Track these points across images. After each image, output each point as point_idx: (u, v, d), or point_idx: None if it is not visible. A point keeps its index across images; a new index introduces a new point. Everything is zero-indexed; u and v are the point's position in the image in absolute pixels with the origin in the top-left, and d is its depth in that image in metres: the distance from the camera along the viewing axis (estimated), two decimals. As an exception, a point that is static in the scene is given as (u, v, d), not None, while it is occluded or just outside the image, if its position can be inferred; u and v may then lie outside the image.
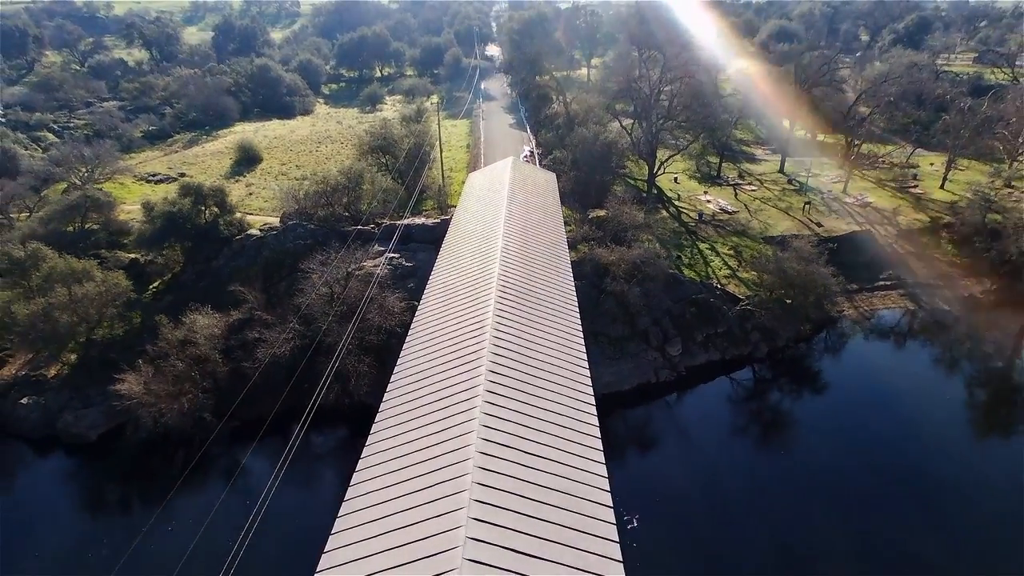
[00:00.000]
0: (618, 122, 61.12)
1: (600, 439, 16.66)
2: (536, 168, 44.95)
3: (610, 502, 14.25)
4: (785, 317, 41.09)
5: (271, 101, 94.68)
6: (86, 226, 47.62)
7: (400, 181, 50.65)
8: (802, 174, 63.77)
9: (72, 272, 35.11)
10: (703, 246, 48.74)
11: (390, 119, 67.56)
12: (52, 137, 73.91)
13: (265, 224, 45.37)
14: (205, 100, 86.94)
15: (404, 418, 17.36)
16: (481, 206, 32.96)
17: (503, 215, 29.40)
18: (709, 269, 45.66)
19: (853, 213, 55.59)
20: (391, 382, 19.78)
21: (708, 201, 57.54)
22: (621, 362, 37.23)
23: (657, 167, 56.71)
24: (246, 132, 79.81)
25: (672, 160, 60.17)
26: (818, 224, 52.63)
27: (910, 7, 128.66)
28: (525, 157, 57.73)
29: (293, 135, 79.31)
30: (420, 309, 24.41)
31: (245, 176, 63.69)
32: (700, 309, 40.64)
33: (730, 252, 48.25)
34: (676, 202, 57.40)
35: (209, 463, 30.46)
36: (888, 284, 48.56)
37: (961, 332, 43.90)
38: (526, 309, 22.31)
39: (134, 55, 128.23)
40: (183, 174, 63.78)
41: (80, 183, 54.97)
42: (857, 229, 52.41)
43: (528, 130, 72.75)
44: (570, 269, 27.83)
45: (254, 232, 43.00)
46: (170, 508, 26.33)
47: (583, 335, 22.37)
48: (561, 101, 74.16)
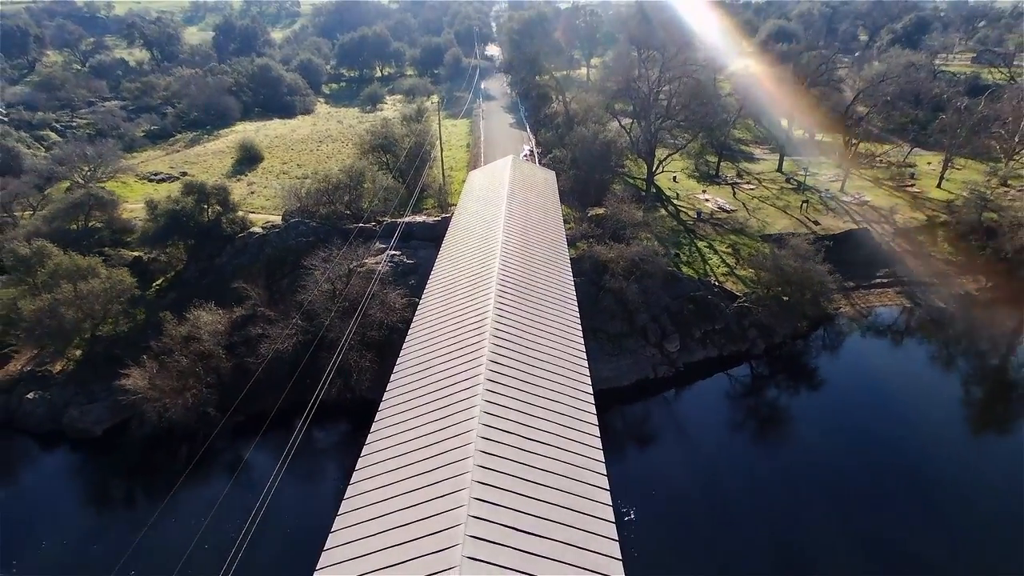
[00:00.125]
0: (617, 121, 61.49)
1: (599, 436, 16.71)
2: (536, 167, 45.32)
3: (609, 501, 14.34)
4: (782, 314, 41.53)
5: (272, 101, 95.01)
6: (89, 224, 47.98)
7: (401, 180, 51.04)
8: (800, 173, 64.22)
9: (77, 269, 35.54)
10: (701, 244, 49.17)
11: (391, 118, 67.85)
12: (55, 136, 74.27)
13: (267, 222, 45.76)
14: (206, 100, 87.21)
15: (404, 415, 17.45)
16: (481, 204, 33.33)
17: (503, 213, 29.74)
18: (707, 267, 46.09)
19: (850, 211, 56.01)
20: (392, 376, 19.99)
21: (706, 200, 57.95)
22: (620, 358, 37.64)
23: (656, 166, 57.18)
24: (247, 131, 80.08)
25: (671, 159, 60.62)
26: (815, 222, 53.05)
27: (908, 7, 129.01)
28: (525, 156, 58.05)
29: (294, 134, 79.64)
30: (421, 305, 24.77)
31: (247, 175, 63.99)
32: (698, 306, 41.07)
33: (728, 250, 48.66)
34: (675, 201, 57.81)
35: (213, 458, 30.81)
36: (885, 282, 49.01)
37: (957, 329, 44.37)
38: (526, 305, 22.60)
39: (135, 55, 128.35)
40: (185, 173, 64.15)
41: (83, 182, 55.33)
42: (854, 227, 52.84)
43: (528, 129, 73.02)
44: (569, 266, 28.17)
45: (257, 230, 43.40)
46: (175, 502, 26.66)
47: (582, 331, 22.60)
48: (561, 100, 74.56)
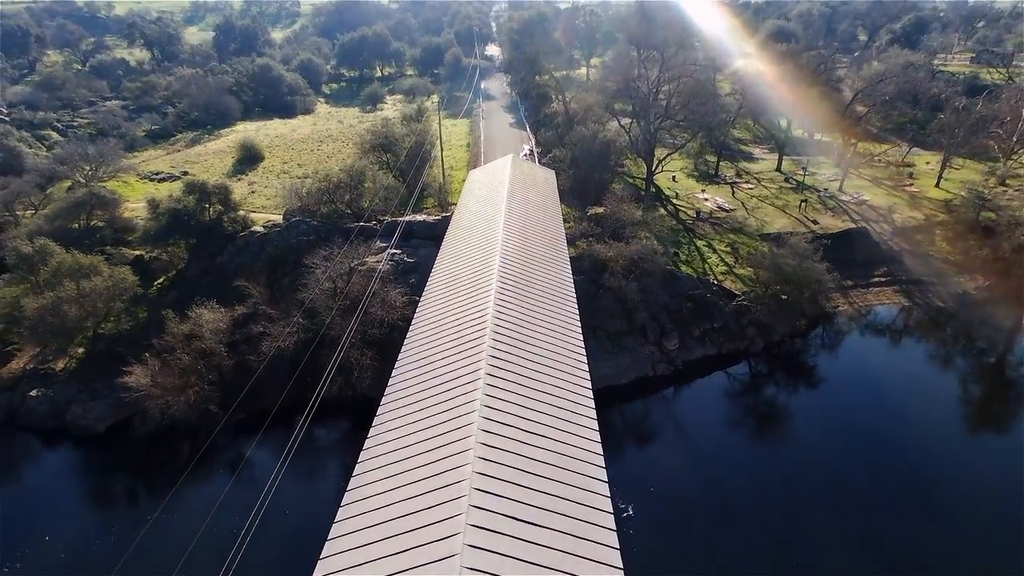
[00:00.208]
0: (616, 121, 61.68)
1: (598, 434, 16.69)
2: (535, 166, 45.53)
3: (608, 495, 14.26)
4: (780, 312, 41.75)
5: (272, 100, 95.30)
6: (91, 223, 48.20)
7: (401, 179, 51.24)
8: (799, 172, 64.45)
9: (80, 267, 35.76)
10: (700, 243, 49.39)
11: (391, 118, 68.06)
12: (56, 136, 74.51)
13: (268, 221, 45.98)
14: (207, 99, 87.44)
15: (405, 413, 17.49)
16: (482, 202, 33.55)
17: (503, 211, 29.95)
18: (706, 266, 46.30)
19: (849, 211, 56.22)
20: (393, 373, 20.18)
21: (706, 199, 58.18)
22: (619, 356, 37.86)
23: (655, 165, 57.40)
24: (248, 131, 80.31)
25: (670, 158, 60.83)
26: (814, 221, 53.26)
27: (907, 7, 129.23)
28: (525, 155, 58.25)
29: (294, 134, 79.86)
30: (422, 302, 24.98)
31: (247, 175, 64.18)
32: (697, 304, 41.29)
33: (727, 249, 48.88)
34: (674, 200, 58.03)
35: (215, 455, 30.98)
36: (883, 280, 49.23)
37: (955, 328, 44.60)
38: (526, 303, 22.78)
39: (135, 55, 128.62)
40: (186, 173, 64.38)
41: (84, 181, 55.53)
42: (853, 226, 53.06)
43: (528, 129, 73.23)
44: (568, 264, 28.38)
45: (258, 229, 43.62)
46: (177, 498, 26.86)
47: (582, 329, 22.75)
48: (560, 100, 74.75)
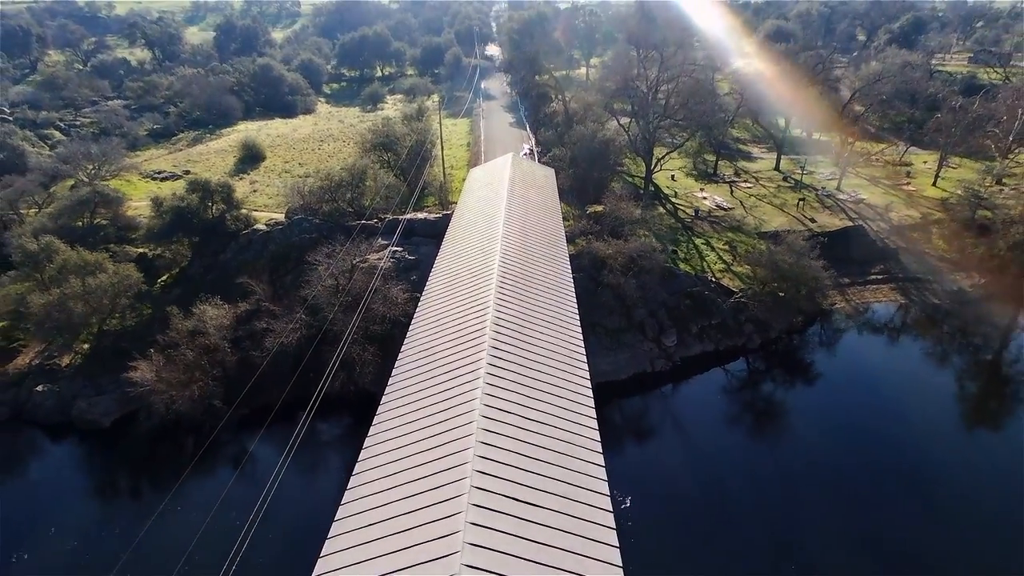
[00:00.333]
0: (616, 120, 62.11)
1: (598, 432, 16.78)
2: (535, 164, 45.96)
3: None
4: (778, 309, 42.17)
5: (273, 100, 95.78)
6: (95, 221, 48.62)
7: (402, 178, 51.68)
8: (797, 171, 64.89)
9: (85, 264, 36.22)
10: (698, 241, 49.83)
11: (392, 117, 68.52)
12: (59, 135, 74.99)
13: (271, 219, 46.43)
14: (208, 99, 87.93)
15: (406, 408, 17.70)
16: (482, 200, 33.99)
17: (503, 209, 30.37)
18: (704, 263, 46.75)
19: (846, 209, 56.66)
20: (395, 367, 20.55)
21: (704, 198, 58.62)
22: (618, 352, 38.30)
23: (654, 164, 57.82)
24: (249, 131, 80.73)
25: (669, 157, 61.25)
26: (812, 220, 53.70)
27: (905, 7, 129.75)
28: (524, 155, 58.63)
29: (295, 133, 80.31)
30: (423, 298, 25.41)
31: (249, 174, 64.61)
32: (695, 301, 41.73)
33: (725, 247, 49.31)
34: (673, 199, 58.47)
35: (218, 449, 31.38)
36: (880, 278, 49.66)
37: (951, 325, 45.03)
38: (526, 299, 23.16)
39: (136, 55, 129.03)
40: (188, 172, 64.78)
41: (87, 180, 55.96)
42: (850, 225, 53.48)
43: (528, 128, 73.65)
44: (568, 261, 28.79)
45: (260, 227, 44.07)
46: (181, 492, 27.23)
47: (581, 326, 23.09)
48: (560, 100, 75.14)
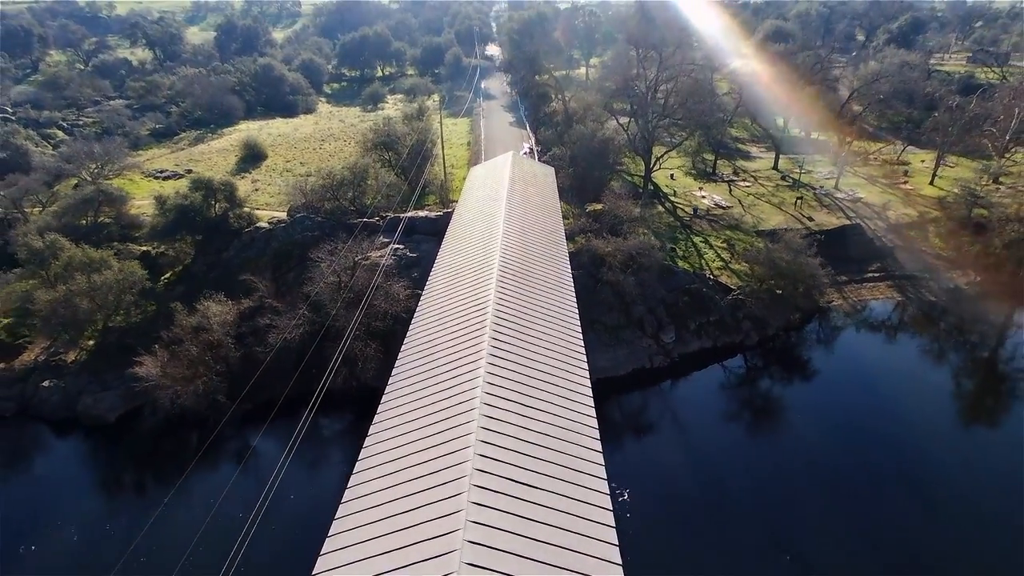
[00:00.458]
0: (615, 120, 62.50)
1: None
2: (535, 163, 46.37)
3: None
4: (775, 306, 42.61)
5: (274, 100, 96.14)
6: (99, 220, 49.02)
7: (403, 177, 52.09)
8: (795, 171, 65.30)
9: (90, 261, 36.64)
10: (697, 239, 50.23)
11: (393, 117, 68.91)
12: (62, 134, 75.39)
13: (273, 217, 46.82)
14: (210, 99, 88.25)
15: (407, 404, 17.98)
16: (483, 197, 34.43)
17: (503, 207, 30.78)
18: (703, 261, 47.15)
19: (844, 208, 57.08)
20: (398, 361, 20.94)
21: (703, 197, 59.02)
22: (616, 349, 38.71)
23: (653, 163, 58.22)
24: (250, 130, 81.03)
25: (667, 156, 61.63)
26: (809, 218, 54.13)
27: (904, 7, 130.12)
28: (524, 154, 59.03)
29: (296, 133, 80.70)
30: (425, 293, 25.84)
31: (251, 173, 64.97)
32: (693, 298, 42.15)
33: (723, 245, 49.72)
34: (672, 198, 58.88)
35: (223, 444, 31.77)
36: (877, 276, 50.12)
37: (947, 322, 45.47)
38: (526, 295, 23.58)
39: (137, 55, 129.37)
40: (190, 171, 65.13)
41: (90, 179, 56.36)
42: (847, 223, 53.93)
43: (528, 128, 74.06)
44: (567, 258, 29.20)
45: (263, 225, 44.48)
46: (186, 486, 27.62)
47: (580, 322, 23.46)
48: (560, 99, 75.53)
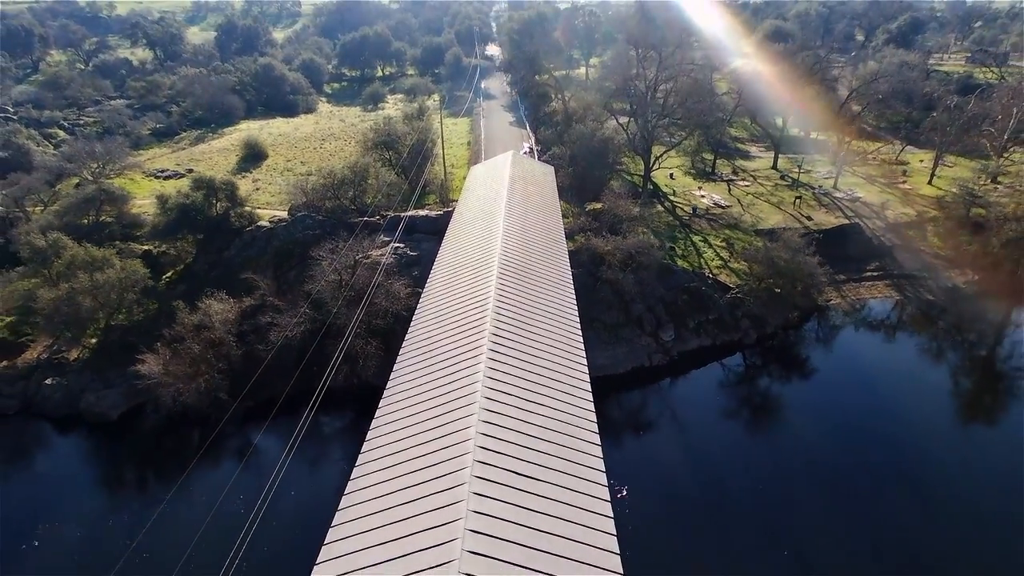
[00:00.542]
0: (615, 119, 62.68)
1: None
2: (535, 162, 46.60)
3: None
4: (774, 305, 42.83)
5: (275, 100, 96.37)
6: (100, 219, 49.22)
7: (403, 176, 52.30)
8: (794, 170, 65.51)
9: (92, 260, 36.84)
10: (696, 238, 50.44)
11: (393, 116, 69.13)
12: (63, 134, 75.61)
13: (274, 216, 47.04)
14: (210, 99, 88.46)
15: (408, 401, 18.12)
16: (483, 196, 34.65)
17: (504, 205, 31.01)
18: (702, 260, 47.37)
19: (843, 207, 57.29)
20: (399, 357, 21.13)
21: (702, 196, 59.23)
22: (616, 347, 38.93)
23: (652, 162, 58.41)
24: (251, 130, 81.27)
25: (667, 155, 61.81)
26: (808, 217, 54.35)
27: (903, 7, 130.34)
28: (524, 153, 59.23)
29: (297, 132, 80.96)
30: (426, 289, 26.07)
31: (251, 172, 65.20)
32: (692, 297, 42.37)
33: (722, 244, 49.94)
34: (671, 197, 59.09)
35: (224, 441, 32.03)
36: (875, 275, 50.35)
37: (945, 321, 45.67)
38: (526, 292, 23.78)
39: (138, 55, 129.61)
40: (191, 170, 65.35)
41: (92, 178, 56.59)
42: (846, 222, 54.15)
43: (528, 127, 74.29)
44: (567, 256, 29.42)
45: (264, 223, 44.69)
46: (188, 482, 27.88)
47: (580, 320, 23.64)
48: (560, 99, 75.74)
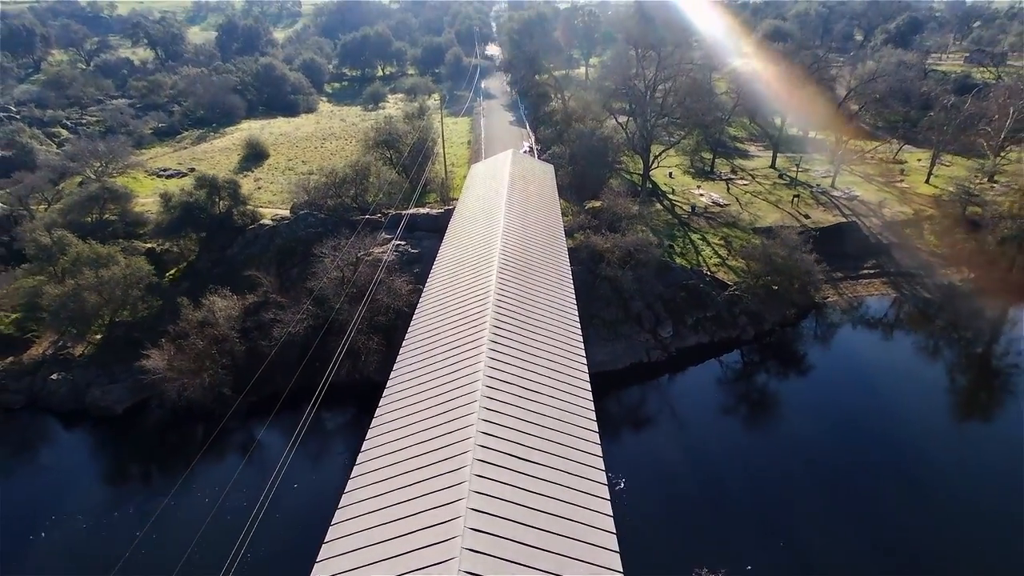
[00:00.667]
0: (614, 119, 63.08)
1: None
2: (535, 160, 47.04)
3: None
4: (771, 302, 43.28)
5: (276, 99, 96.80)
6: (104, 217, 49.66)
7: (404, 175, 52.72)
8: (793, 169, 65.93)
9: (97, 257, 37.27)
10: (695, 236, 50.86)
11: (394, 116, 69.53)
12: (66, 133, 76.05)
13: (276, 215, 47.47)
14: (212, 98, 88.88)
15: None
16: (483, 194, 35.08)
17: (504, 203, 31.43)
18: (700, 257, 47.79)
19: (840, 206, 57.71)
20: (400, 352, 21.53)
21: (701, 195, 59.65)
22: (614, 343, 39.35)
23: (652, 161, 58.82)
24: (253, 129, 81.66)
25: (666, 154, 62.23)
26: (806, 216, 54.77)
27: (902, 7, 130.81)
28: (524, 152, 59.63)
29: (298, 132, 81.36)
30: (427, 286, 26.49)
31: (253, 171, 65.59)
32: (690, 294, 42.79)
33: (720, 242, 50.36)
34: (670, 196, 59.50)
35: (228, 436, 32.46)
36: (872, 272, 50.78)
37: (942, 318, 46.12)
38: (525, 289, 24.20)
39: (139, 54, 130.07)
40: (193, 169, 65.67)
41: (95, 177, 57.01)
42: (843, 221, 54.58)
43: (527, 127, 74.71)
44: (566, 253, 29.84)
45: (267, 221, 45.11)
46: (192, 476, 28.29)
47: (579, 316, 24.01)
48: (559, 99, 76.14)
